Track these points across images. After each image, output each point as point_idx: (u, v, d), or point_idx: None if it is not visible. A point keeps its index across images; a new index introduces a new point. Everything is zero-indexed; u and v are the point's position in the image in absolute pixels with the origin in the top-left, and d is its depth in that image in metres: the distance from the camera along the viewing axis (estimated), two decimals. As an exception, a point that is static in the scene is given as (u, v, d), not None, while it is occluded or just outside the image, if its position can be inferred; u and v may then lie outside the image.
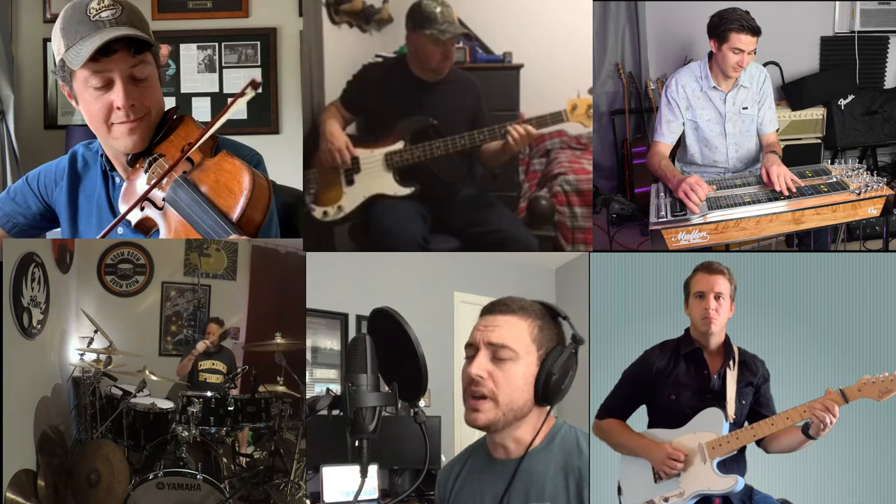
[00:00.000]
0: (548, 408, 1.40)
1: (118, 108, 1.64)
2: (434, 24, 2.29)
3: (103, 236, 1.67)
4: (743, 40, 2.55)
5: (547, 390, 1.35)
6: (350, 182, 2.38)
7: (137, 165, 1.71)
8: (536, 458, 1.38)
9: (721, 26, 2.58)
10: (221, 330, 3.66)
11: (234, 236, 1.58)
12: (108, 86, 1.63)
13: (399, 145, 2.37)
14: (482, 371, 1.35)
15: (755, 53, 2.64)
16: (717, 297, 1.90)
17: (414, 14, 2.33)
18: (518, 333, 1.37)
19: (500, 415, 1.35)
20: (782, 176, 2.45)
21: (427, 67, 2.35)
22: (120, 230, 1.77)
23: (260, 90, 1.63)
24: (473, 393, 1.36)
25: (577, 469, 1.35)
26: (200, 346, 3.53)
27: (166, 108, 1.76)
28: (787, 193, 2.41)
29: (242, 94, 1.61)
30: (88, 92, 1.64)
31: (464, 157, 2.43)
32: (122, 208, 1.71)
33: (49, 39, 4.53)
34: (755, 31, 2.55)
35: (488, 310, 1.41)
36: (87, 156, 1.89)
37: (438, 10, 2.30)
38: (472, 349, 1.39)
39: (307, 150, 2.40)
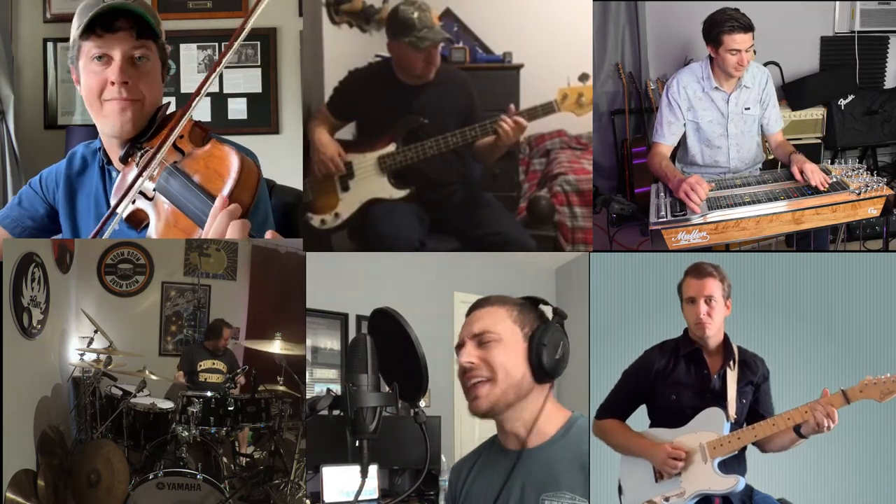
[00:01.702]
0: (548, 386, 1.41)
1: (112, 84, 1.69)
2: (412, 31, 2.27)
3: (96, 233, 1.67)
4: (737, 40, 2.54)
5: (541, 362, 1.37)
6: (345, 188, 2.38)
7: (130, 160, 1.73)
8: (552, 448, 1.39)
9: (713, 30, 2.57)
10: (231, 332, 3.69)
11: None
12: (107, 62, 1.70)
13: (391, 147, 2.36)
14: (471, 358, 1.39)
15: (754, 50, 2.63)
16: (708, 300, 1.89)
17: (391, 22, 2.30)
18: (498, 319, 1.41)
19: (499, 393, 1.38)
20: (817, 172, 2.44)
21: (411, 74, 2.34)
22: (116, 226, 1.78)
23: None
24: (469, 380, 1.39)
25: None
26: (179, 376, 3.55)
27: (161, 105, 1.79)
28: (822, 189, 2.40)
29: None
30: (89, 66, 1.71)
31: (458, 157, 2.42)
32: (114, 202, 1.72)
33: (49, 39, 4.53)
34: (747, 28, 2.54)
35: (469, 310, 1.47)
36: (87, 154, 1.91)
37: (416, 15, 2.27)
38: (460, 347, 1.43)
39: (307, 150, 2.40)
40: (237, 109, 4.49)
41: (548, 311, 1.45)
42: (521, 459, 1.40)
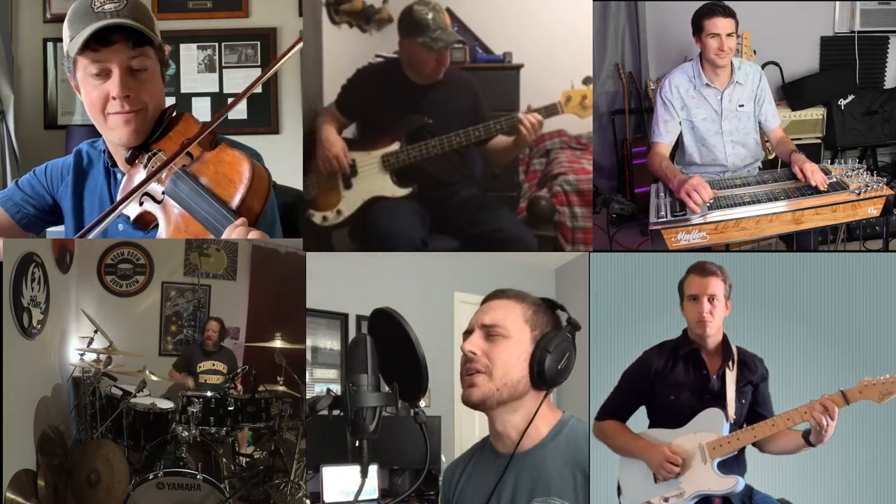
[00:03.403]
0: (544, 393, 1.40)
1: (113, 98, 1.68)
2: (426, 31, 2.27)
3: (93, 226, 1.65)
4: (718, 24, 2.56)
5: (542, 370, 1.36)
6: (348, 186, 2.38)
7: (137, 161, 1.73)
8: (543, 451, 1.38)
9: (695, 20, 2.62)
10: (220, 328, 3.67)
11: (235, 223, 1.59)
12: (106, 75, 1.68)
13: (395, 146, 2.36)
14: (475, 348, 1.38)
15: (754, 50, 2.64)
16: (711, 299, 1.89)
17: (405, 21, 2.30)
18: (511, 314, 1.40)
19: (493, 389, 1.36)
20: (816, 172, 2.45)
21: (421, 73, 2.35)
22: (120, 227, 1.79)
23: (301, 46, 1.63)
24: (468, 370, 1.38)
25: (586, 463, 1.35)
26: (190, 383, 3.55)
27: (165, 107, 1.78)
28: (822, 189, 2.40)
29: (291, 49, 1.61)
30: (88, 81, 1.69)
31: (461, 156, 2.43)
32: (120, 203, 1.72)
33: (49, 39, 4.53)
34: (727, 13, 2.57)
35: (486, 298, 1.45)
36: (92, 153, 1.91)
37: (430, 16, 2.27)
38: (468, 334, 1.42)
39: (307, 150, 2.40)
40: (237, 109, 4.43)
41: (563, 317, 1.44)
42: (512, 463, 1.38)
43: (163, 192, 1.67)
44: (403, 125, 2.35)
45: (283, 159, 2.65)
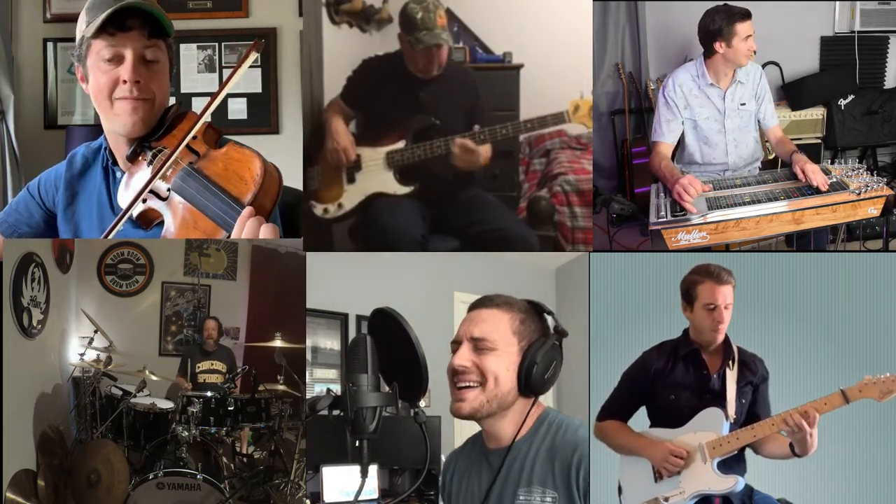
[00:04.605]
0: (532, 399, 1.41)
1: (124, 82, 1.68)
2: (414, 31, 2.29)
3: (107, 235, 1.66)
4: (748, 26, 2.59)
5: (530, 380, 1.37)
6: (351, 180, 2.39)
7: (140, 159, 1.72)
8: (524, 444, 1.40)
9: (726, 24, 2.60)
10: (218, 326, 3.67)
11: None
12: (118, 61, 1.68)
13: (401, 144, 2.37)
14: (465, 361, 1.39)
15: (754, 51, 2.66)
16: (727, 307, 1.89)
17: (401, 15, 2.34)
18: (499, 326, 1.40)
19: (483, 401, 1.38)
20: (818, 173, 2.45)
21: (416, 68, 2.36)
22: (121, 226, 1.78)
23: (259, 52, 1.63)
24: (458, 383, 1.39)
25: (563, 450, 1.36)
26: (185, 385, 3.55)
27: (169, 104, 1.78)
28: (823, 189, 2.40)
29: (246, 56, 1.62)
30: (98, 66, 1.69)
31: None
32: (122, 201, 1.72)
33: (49, 39, 4.52)
34: (749, 15, 2.60)
35: (474, 305, 1.46)
36: (88, 154, 1.90)
37: (420, 15, 2.28)
38: (456, 344, 1.42)
39: (308, 149, 2.41)
40: (237, 109, 4.49)
41: (550, 321, 1.44)
42: (500, 457, 1.40)
43: (168, 189, 1.66)
44: (411, 124, 2.37)
45: (283, 159, 2.65)
